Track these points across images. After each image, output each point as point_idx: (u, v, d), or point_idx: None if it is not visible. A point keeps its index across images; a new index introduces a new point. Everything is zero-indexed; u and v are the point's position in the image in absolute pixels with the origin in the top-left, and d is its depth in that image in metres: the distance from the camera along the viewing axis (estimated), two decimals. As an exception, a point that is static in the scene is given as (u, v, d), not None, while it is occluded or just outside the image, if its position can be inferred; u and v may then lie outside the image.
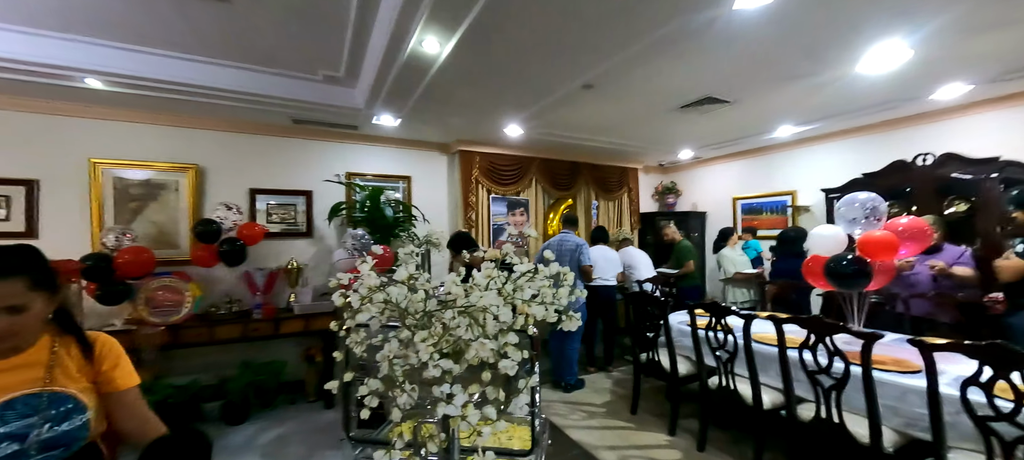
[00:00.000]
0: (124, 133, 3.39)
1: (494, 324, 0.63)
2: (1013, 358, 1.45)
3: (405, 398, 0.60)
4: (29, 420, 0.98)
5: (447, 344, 0.63)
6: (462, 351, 0.63)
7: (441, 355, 0.61)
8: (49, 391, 1.02)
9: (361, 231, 3.66)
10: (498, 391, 0.62)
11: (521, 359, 0.61)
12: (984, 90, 3.18)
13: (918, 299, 2.90)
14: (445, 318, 0.63)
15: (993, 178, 3.23)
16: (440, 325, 0.64)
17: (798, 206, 4.82)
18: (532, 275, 0.75)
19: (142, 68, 2.78)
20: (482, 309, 0.63)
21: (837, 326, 1.97)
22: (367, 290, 0.68)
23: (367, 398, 0.65)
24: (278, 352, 3.69)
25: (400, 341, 0.66)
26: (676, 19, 2.14)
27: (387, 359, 0.63)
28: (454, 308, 0.64)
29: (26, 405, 0.99)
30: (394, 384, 0.61)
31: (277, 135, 3.94)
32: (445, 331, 0.63)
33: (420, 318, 0.68)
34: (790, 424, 2.23)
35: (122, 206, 3.33)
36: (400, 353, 0.64)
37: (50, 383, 1.03)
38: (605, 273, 4.15)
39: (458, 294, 0.65)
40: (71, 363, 1.09)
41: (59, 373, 1.06)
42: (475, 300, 0.63)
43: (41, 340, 1.07)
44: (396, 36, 2.29)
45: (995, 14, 2.14)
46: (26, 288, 0.98)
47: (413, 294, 0.69)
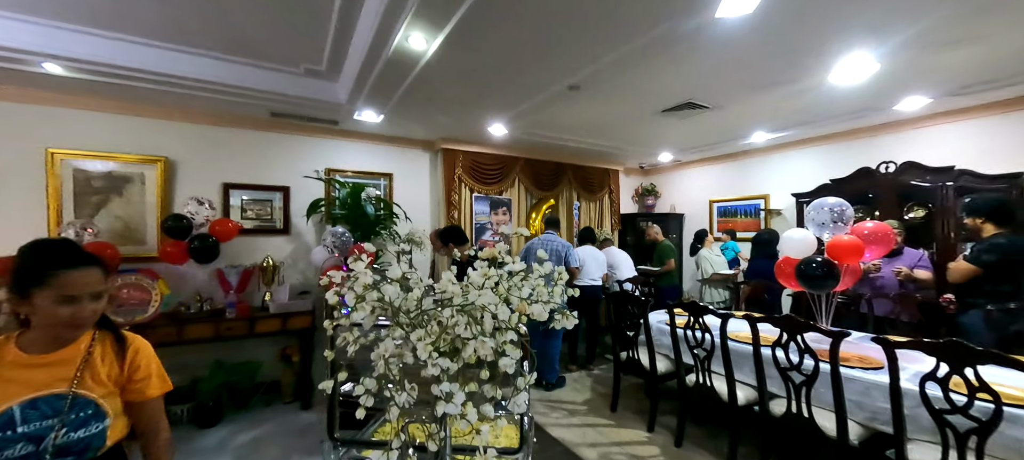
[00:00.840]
0: (86, 122, 3.21)
1: (491, 322, 0.63)
2: (967, 355, 1.56)
3: (405, 397, 0.60)
4: (49, 422, 0.97)
5: (444, 343, 0.62)
6: (458, 350, 0.62)
7: (440, 353, 0.61)
8: (74, 393, 1.01)
9: (341, 229, 3.59)
10: (495, 389, 0.62)
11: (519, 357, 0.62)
12: (942, 103, 3.38)
13: (881, 299, 3.06)
14: (442, 317, 0.62)
15: (948, 186, 3.44)
16: (436, 324, 0.63)
17: (771, 209, 5.01)
18: (526, 274, 0.75)
19: (107, 54, 2.64)
20: (481, 307, 0.63)
21: (808, 325, 2.06)
22: (362, 288, 0.67)
23: (363, 398, 0.64)
24: (253, 352, 3.58)
25: (395, 340, 0.65)
26: (661, 25, 2.18)
27: (383, 358, 0.62)
28: (452, 306, 0.64)
29: (50, 406, 0.98)
30: (392, 383, 0.61)
31: (254, 128, 3.81)
32: (443, 330, 0.62)
33: (415, 317, 0.68)
34: (763, 419, 2.32)
35: (83, 199, 3.16)
36: (395, 352, 0.63)
37: (77, 385, 1.02)
38: (592, 273, 4.21)
39: (455, 292, 0.65)
40: (102, 366, 1.08)
41: (88, 375, 1.04)
42: (474, 298, 0.63)
43: (86, 335, 1.08)
44: (381, 31, 2.25)
45: (952, 33, 2.29)
46: (103, 277, 1.01)
47: (408, 293, 0.69)
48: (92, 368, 1.06)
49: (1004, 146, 3.35)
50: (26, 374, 0.99)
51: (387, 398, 0.61)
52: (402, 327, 0.70)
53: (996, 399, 1.50)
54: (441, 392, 0.58)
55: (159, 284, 3.04)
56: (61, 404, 0.99)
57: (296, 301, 3.55)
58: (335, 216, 3.89)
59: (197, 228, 3.27)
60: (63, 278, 0.97)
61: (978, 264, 2.70)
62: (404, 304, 0.69)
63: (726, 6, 2.00)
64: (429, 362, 0.59)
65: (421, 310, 0.67)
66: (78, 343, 1.06)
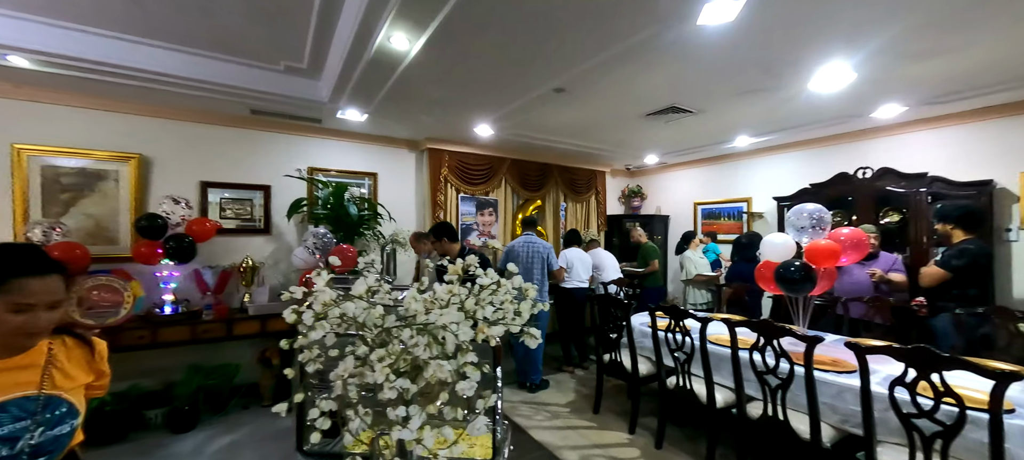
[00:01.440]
0: (55, 117, 3.09)
1: (454, 341, 0.62)
2: (934, 361, 1.60)
3: (358, 423, 0.58)
4: (23, 424, 0.96)
5: (405, 363, 0.61)
6: (422, 368, 0.61)
7: (398, 374, 0.60)
8: (45, 394, 1.01)
9: (323, 229, 3.54)
10: (456, 410, 0.61)
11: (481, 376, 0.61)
12: (917, 111, 3.47)
13: (856, 302, 3.13)
14: (403, 336, 0.61)
15: (922, 192, 3.54)
16: (398, 343, 0.62)
17: (753, 212, 5.09)
18: (495, 288, 0.74)
19: (77, 48, 2.55)
20: (441, 327, 0.62)
21: (783, 329, 2.09)
22: (321, 306, 0.65)
23: (318, 421, 0.62)
24: (231, 355, 3.50)
25: (357, 358, 0.64)
26: (643, 31, 2.19)
27: (341, 379, 0.61)
28: (413, 325, 0.62)
29: (21, 408, 0.97)
30: (349, 406, 0.59)
31: (233, 125, 3.73)
32: (403, 350, 0.61)
33: (378, 334, 0.66)
34: (741, 421, 2.35)
35: (52, 197, 3.05)
36: (356, 371, 0.62)
37: (48, 385, 1.02)
38: (579, 274, 4.23)
39: (418, 310, 0.64)
40: (70, 363, 1.09)
41: (56, 374, 1.05)
42: (435, 317, 0.62)
43: (45, 340, 1.08)
44: (363, 31, 2.22)
45: (921, 46, 2.35)
46: (62, 284, 1.01)
47: (372, 309, 0.67)
48: (60, 368, 1.06)
49: (974, 154, 3.46)
50: None
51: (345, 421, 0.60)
52: (367, 343, 0.68)
53: (960, 403, 1.54)
54: (396, 416, 0.56)
55: (132, 286, 2.95)
56: (32, 405, 0.99)
57: (276, 303, 3.48)
58: (317, 216, 3.83)
59: (173, 228, 3.18)
60: (20, 286, 0.94)
61: (948, 269, 2.78)
62: (368, 319, 0.68)
63: (707, 14, 2.01)
64: (386, 385, 0.58)
65: (383, 327, 0.65)
66: (38, 346, 1.06)
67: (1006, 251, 3.35)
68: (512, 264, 0.81)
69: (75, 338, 1.15)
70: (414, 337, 0.60)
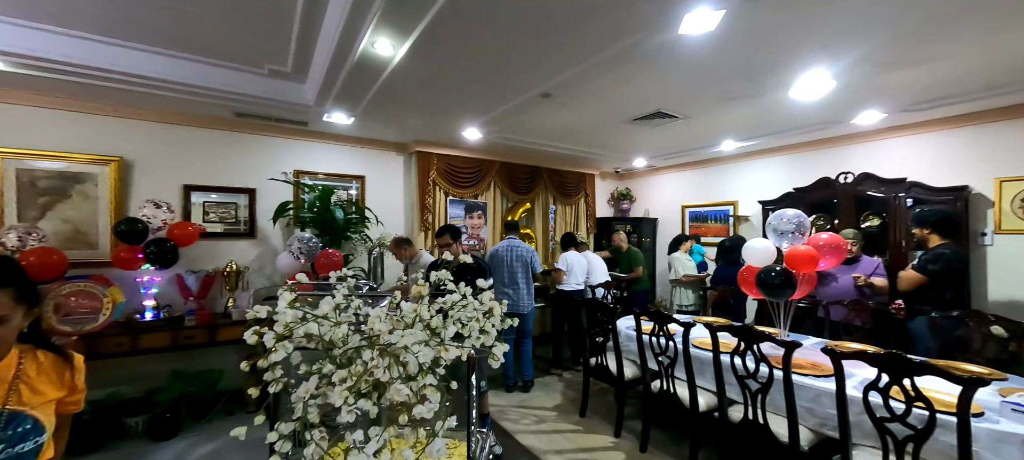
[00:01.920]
0: (32, 119, 3.03)
1: (416, 363, 0.62)
2: (906, 366, 1.63)
3: (313, 450, 0.58)
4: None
5: (366, 384, 0.61)
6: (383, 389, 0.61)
7: (360, 396, 0.60)
8: (9, 410, 0.98)
9: (308, 234, 3.51)
10: (418, 432, 0.61)
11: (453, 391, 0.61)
12: (896, 118, 3.55)
13: (837, 305, 3.19)
14: (364, 357, 0.61)
15: (901, 197, 3.62)
16: (361, 364, 0.62)
17: (739, 216, 5.15)
18: (464, 304, 0.75)
19: (56, 50, 2.50)
20: (403, 348, 0.62)
21: (763, 334, 2.12)
22: (284, 327, 0.65)
23: (278, 444, 0.62)
24: (214, 360, 3.45)
25: (321, 377, 0.63)
26: (626, 39, 2.21)
27: (302, 401, 0.60)
28: (375, 347, 0.62)
29: None
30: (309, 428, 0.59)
31: (217, 128, 3.68)
32: (365, 371, 0.61)
33: (344, 352, 0.66)
34: (722, 425, 2.38)
35: (28, 201, 2.98)
36: (318, 391, 0.61)
37: (12, 401, 0.99)
38: (577, 278, 4.25)
39: (381, 331, 0.64)
40: (39, 377, 1.06)
41: (23, 389, 1.02)
42: (396, 339, 0.62)
43: (10, 354, 1.04)
44: (346, 36, 2.21)
45: (899, 55, 2.40)
46: (11, 300, 0.98)
47: (337, 328, 0.67)
48: (28, 382, 1.03)
49: (950, 160, 3.54)
50: None
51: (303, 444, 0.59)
52: (334, 362, 0.68)
53: (930, 408, 1.58)
54: (353, 442, 0.56)
55: (111, 291, 2.90)
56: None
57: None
58: (303, 220, 3.80)
59: (154, 232, 3.13)
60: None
61: (925, 273, 2.84)
62: (333, 337, 0.68)
63: (688, 24, 2.04)
64: (344, 407, 0.58)
65: (345, 348, 0.65)
66: (7, 361, 1.03)
67: (981, 255, 3.43)
68: (481, 280, 0.81)
69: (51, 352, 1.12)
70: (375, 358, 0.60)
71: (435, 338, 0.66)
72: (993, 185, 3.34)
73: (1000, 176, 3.30)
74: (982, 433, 1.61)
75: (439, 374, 0.64)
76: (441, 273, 0.81)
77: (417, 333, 0.63)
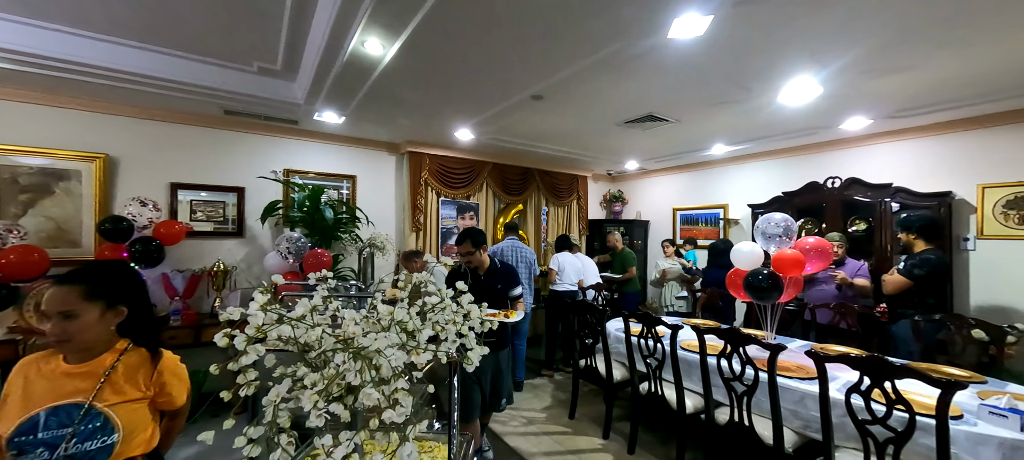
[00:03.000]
0: (12, 114, 2.97)
1: (389, 367, 0.61)
2: (887, 369, 1.66)
3: (279, 455, 0.57)
4: (64, 430, 1.01)
5: (339, 388, 0.60)
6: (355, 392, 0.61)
7: (331, 400, 0.59)
8: (90, 405, 1.05)
9: (297, 234, 3.48)
10: (389, 436, 0.61)
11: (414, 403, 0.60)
12: (882, 124, 3.60)
13: (823, 308, 3.23)
14: (336, 360, 0.60)
15: (887, 201, 3.67)
16: (333, 367, 0.61)
17: (729, 219, 5.20)
18: (442, 306, 0.74)
19: (38, 44, 2.46)
20: (376, 351, 0.61)
21: (749, 337, 2.14)
22: (256, 330, 0.64)
23: (247, 449, 0.61)
24: (199, 361, 3.39)
25: (295, 380, 0.63)
26: (616, 42, 2.22)
27: (272, 405, 0.59)
28: (348, 350, 0.62)
29: (68, 415, 1.03)
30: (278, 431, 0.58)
31: (205, 125, 3.64)
32: (337, 374, 0.60)
33: (318, 355, 0.65)
34: (709, 427, 2.40)
35: (9, 198, 2.92)
36: (291, 394, 0.61)
37: (96, 397, 1.06)
38: (571, 278, 4.26)
39: (355, 333, 0.63)
40: (125, 377, 1.12)
41: (107, 387, 1.08)
42: (370, 342, 0.61)
43: (111, 350, 1.13)
44: (335, 34, 2.19)
45: (883, 62, 2.43)
46: (80, 297, 1.06)
47: (312, 331, 0.66)
48: (113, 380, 1.10)
49: (935, 166, 3.60)
50: (59, 382, 1.06)
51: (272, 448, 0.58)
52: (309, 365, 0.67)
53: (910, 411, 1.60)
54: (322, 446, 0.56)
55: (94, 290, 2.85)
56: (77, 414, 1.03)
57: (248, 308, 3.41)
58: (293, 219, 3.77)
59: (139, 230, 3.09)
60: (41, 294, 1.05)
61: (909, 277, 2.89)
62: (306, 338, 0.67)
63: (677, 28, 2.05)
64: (313, 414, 0.57)
65: (321, 350, 0.65)
66: (104, 357, 1.12)
67: (964, 260, 3.49)
68: (461, 282, 0.81)
69: (149, 351, 1.19)
70: (347, 362, 0.59)
71: (411, 341, 0.66)
72: (976, 191, 3.40)
73: (983, 182, 3.37)
74: (961, 435, 1.64)
75: (417, 378, 0.64)
76: (425, 274, 0.80)
77: (391, 336, 0.62)
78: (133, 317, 1.17)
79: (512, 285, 2.43)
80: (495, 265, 2.49)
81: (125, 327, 1.18)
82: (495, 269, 2.48)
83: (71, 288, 1.07)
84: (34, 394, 1.06)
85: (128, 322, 1.17)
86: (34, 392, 1.06)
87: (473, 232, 2.42)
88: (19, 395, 1.06)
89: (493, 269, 2.47)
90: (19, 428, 1.01)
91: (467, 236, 2.41)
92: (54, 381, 1.08)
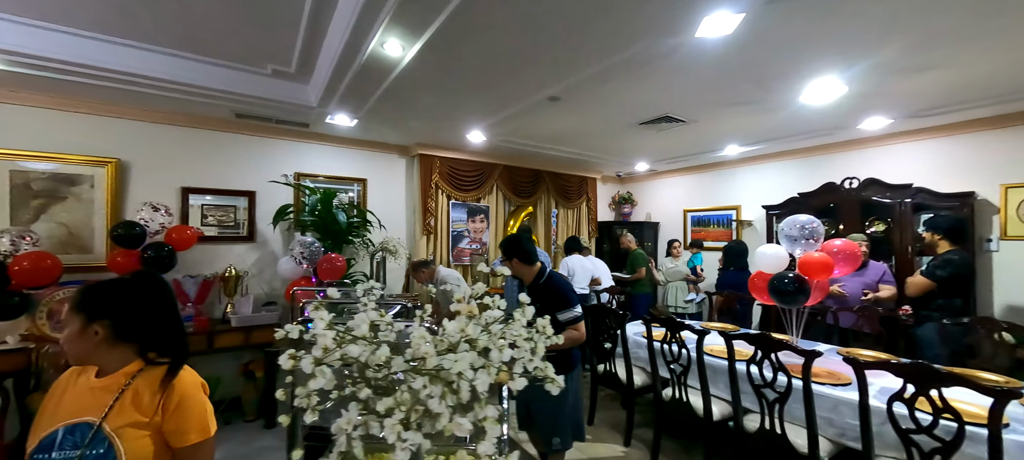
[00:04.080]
0: (25, 119, 2.93)
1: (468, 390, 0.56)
2: (933, 377, 1.60)
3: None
4: (75, 452, 0.95)
5: (416, 414, 0.55)
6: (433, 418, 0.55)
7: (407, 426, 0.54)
8: (99, 425, 0.98)
9: (310, 238, 3.43)
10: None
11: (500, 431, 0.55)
12: (902, 124, 3.55)
13: (845, 312, 3.17)
14: (416, 386, 0.55)
15: (907, 202, 3.61)
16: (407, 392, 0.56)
17: (742, 220, 5.14)
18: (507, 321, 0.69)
19: (51, 48, 2.42)
20: (457, 374, 0.56)
21: (782, 343, 2.08)
22: (322, 352, 0.59)
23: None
24: (211, 368, 3.36)
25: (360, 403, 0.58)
26: (642, 41, 2.18)
27: (345, 432, 0.54)
28: (425, 374, 0.56)
29: (81, 434, 0.97)
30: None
31: (216, 129, 3.60)
32: (415, 400, 0.55)
33: (382, 377, 0.61)
34: (738, 435, 2.34)
35: (21, 204, 2.88)
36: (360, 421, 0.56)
37: (107, 417, 0.99)
38: (582, 282, 4.22)
39: (428, 353, 0.58)
40: (133, 398, 1.02)
41: (117, 407, 1.00)
42: (449, 364, 0.56)
43: (126, 367, 1.05)
44: (355, 36, 2.15)
45: (915, 61, 2.38)
46: (70, 307, 1.02)
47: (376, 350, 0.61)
48: (125, 399, 1.02)
49: (957, 166, 3.54)
50: (85, 397, 1.01)
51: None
52: (370, 387, 0.62)
53: (959, 420, 1.55)
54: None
55: (107, 297, 2.80)
56: (85, 434, 0.97)
57: (261, 313, 3.36)
58: (304, 223, 3.72)
59: (151, 236, 3.04)
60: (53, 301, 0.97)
61: (933, 279, 2.84)
62: (371, 360, 0.62)
63: (706, 27, 2.01)
64: (398, 446, 0.52)
65: (389, 372, 0.59)
66: (120, 372, 1.04)
67: (986, 261, 3.43)
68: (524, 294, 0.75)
69: (167, 372, 1.06)
70: (428, 387, 0.54)
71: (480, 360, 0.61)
72: (999, 191, 3.35)
73: (1006, 182, 3.31)
74: (1011, 445, 1.58)
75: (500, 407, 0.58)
76: (478, 286, 0.75)
77: (469, 356, 0.57)
78: (132, 329, 1.06)
79: (558, 306, 1.99)
80: (539, 279, 2.12)
81: (150, 341, 1.09)
82: (538, 284, 2.10)
83: (72, 298, 1.04)
84: (63, 406, 1.03)
85: (146, 335, 1.08)
86: (63, 404, 1.03)
87: (506, 240, 2.19)
88: (53, 406, 1.03)
89: (536, 284, 2.11)
90: (40, 444, 0.97)
91: (512, 249, 2.12)
92: (81, 395, 1.04)
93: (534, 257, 2.11)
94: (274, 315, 3.36)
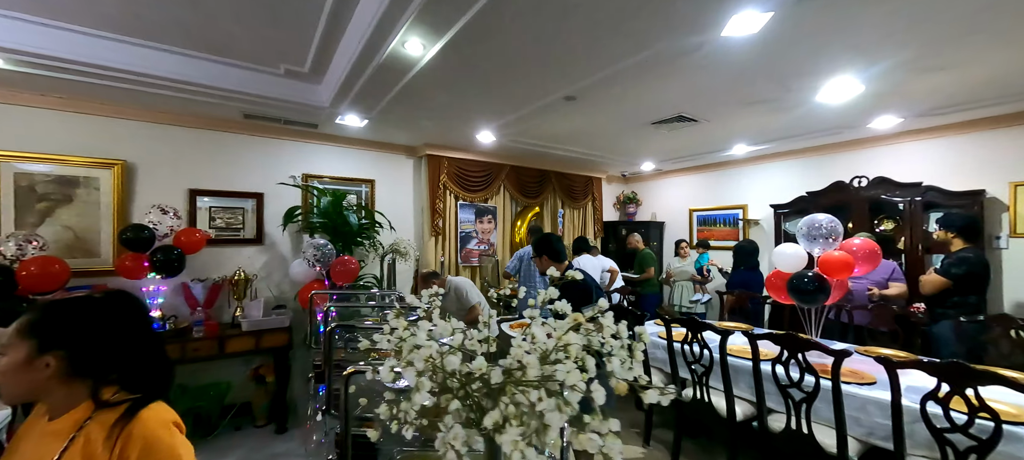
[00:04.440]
0: (29, 120, 2.86)
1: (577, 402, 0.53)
2: (969, 375, 1.60)
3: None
4: None
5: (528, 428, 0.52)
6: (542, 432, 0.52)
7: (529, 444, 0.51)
8: None
9: (322, 240, 3.38)
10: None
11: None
12: (912, 122, 3.57)
13: (860, 310, 3.18)
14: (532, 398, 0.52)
15: (916, 201, 3.63)
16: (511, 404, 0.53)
17: (749, 219, 5.15)
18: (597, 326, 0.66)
19: (55, 46, 2.36)
20: (570, 386, 0.53)
21: (810, 342, 2.08)
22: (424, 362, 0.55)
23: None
24: (221, 372, 3.31)
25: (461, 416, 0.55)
26: (667, 39, 2.16)
27: (450, 447, 0.51)
28: (537, 386, 0.53)
29: None
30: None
31: (224, 130, 3.54)
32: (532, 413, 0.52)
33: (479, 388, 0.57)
34: (762, 436, 2.33)
35: (26, 207, 2.81)
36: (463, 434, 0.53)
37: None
38: None
39: (530, 363, 0.55)
40: (90, 450, 0.84)
41: (69, 454, 0.83)
42: (562, 375, 0.53)
43: (78, 408, 0.88)
44: (377, 34, 2.11)
45: (936, 60, 2.39)
46: (16, 329, 0.88)
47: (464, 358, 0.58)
48: (72, 452, 0.84)
49: (967, 164, 3.57)
50: (37, 445, 0.87)
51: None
52: (457, 397, 0.59)
53: (995, 418, 1.54)
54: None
55: (116, 302, 2.74)
56: None
57: (271, 317, 3.31)
58: (313, 225, 3.67)
59: (160, 239, 2.98)
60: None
61: (948, 277, 2.85)
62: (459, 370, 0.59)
63: (733, 26, 2.00)
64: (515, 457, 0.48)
65: (486, 382, 0.56)
66: (73, 413, 0.87)
67: (996, 259, 3.46)
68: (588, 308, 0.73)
69: (123, 415, 0.87)
70: (544, 399, 0.51)
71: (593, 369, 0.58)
72: (1008, 189, 3.38)
73: (1015, 180, 3.34)
74: (1048, 444, 1.58)
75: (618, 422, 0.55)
76: (551, 290, 0.73)
77: (570, 365, 0.54)
78: (92, 363, 0.90)
79: (584, 301, 2.06)
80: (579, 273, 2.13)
81: (109, 377, 0.92)
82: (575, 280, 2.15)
83: (21, 319, 0.88)
84: (17, 456, 0.89)
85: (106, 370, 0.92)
86: (18, 453, 0.89)
87: (537, 239, 2.25)
88: (10, 456, 0.90)
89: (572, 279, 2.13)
90: None
91: (544, 247, 2.21)
92: (34, 443, 0.88)
93: (563, 256, 2.16)
94: (284, 319, 3.31)
